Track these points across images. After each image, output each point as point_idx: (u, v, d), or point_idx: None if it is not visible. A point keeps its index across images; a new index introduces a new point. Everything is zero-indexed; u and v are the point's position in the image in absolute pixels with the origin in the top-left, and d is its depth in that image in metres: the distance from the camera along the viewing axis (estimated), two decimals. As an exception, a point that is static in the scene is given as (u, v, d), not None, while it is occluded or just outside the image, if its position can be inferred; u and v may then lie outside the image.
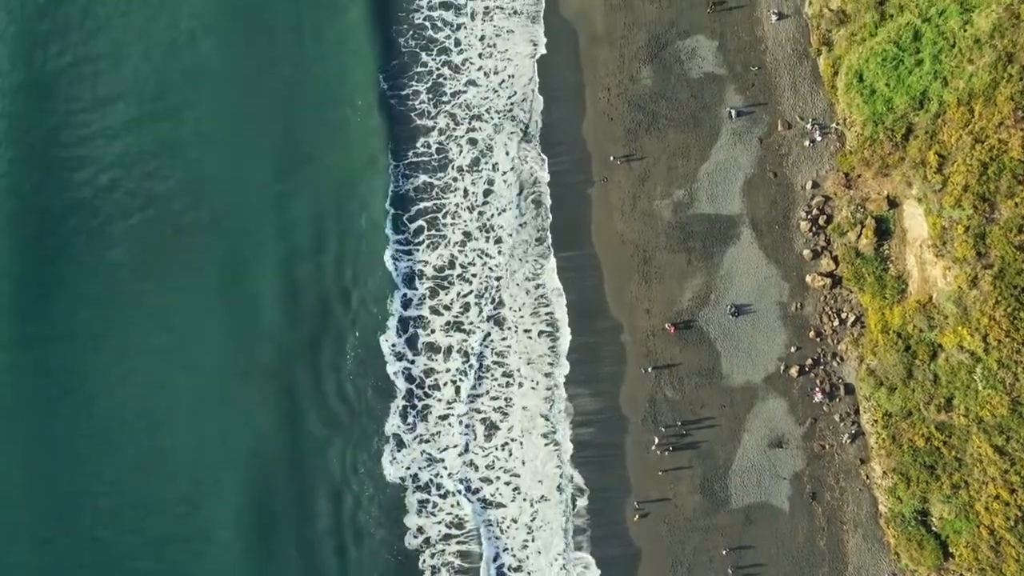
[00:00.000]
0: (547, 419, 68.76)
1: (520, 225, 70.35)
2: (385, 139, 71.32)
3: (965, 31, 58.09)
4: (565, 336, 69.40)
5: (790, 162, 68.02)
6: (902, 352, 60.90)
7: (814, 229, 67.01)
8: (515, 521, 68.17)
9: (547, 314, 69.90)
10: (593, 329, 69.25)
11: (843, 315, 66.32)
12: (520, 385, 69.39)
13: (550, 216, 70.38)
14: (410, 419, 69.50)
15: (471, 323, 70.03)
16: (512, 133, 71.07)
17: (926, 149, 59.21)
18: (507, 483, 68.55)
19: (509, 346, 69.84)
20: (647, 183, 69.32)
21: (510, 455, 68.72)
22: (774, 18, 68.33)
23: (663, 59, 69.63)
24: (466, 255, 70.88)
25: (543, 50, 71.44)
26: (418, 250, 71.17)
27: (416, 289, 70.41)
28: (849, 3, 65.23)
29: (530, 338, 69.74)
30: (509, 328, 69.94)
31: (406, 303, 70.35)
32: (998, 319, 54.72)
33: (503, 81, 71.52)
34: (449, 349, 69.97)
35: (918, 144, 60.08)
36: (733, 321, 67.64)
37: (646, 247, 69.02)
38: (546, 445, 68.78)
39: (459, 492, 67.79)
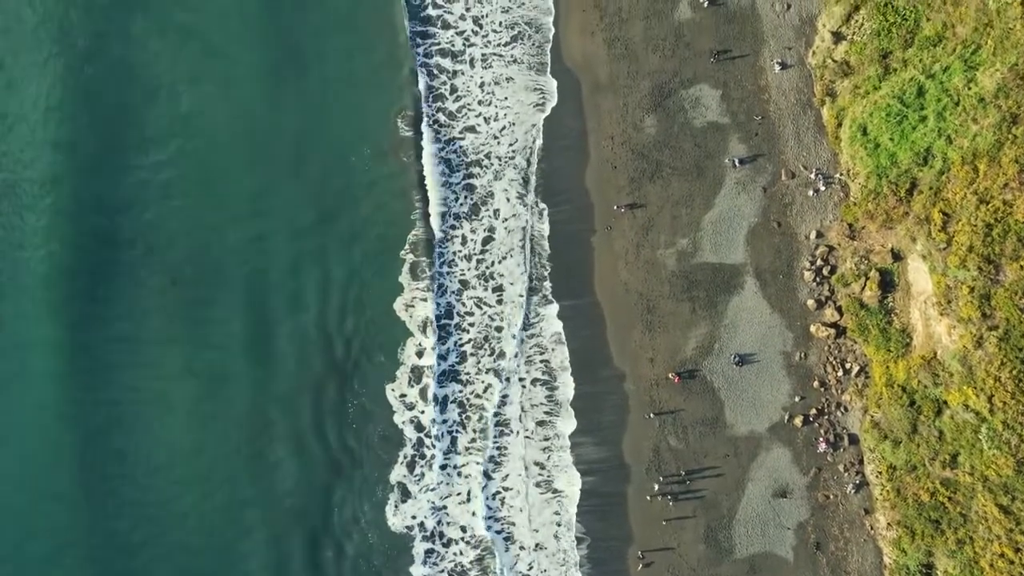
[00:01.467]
0: (543, 467, 68.81)
1: (521, 273, 70.31)
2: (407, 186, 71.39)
3: (969, 89, 58.15)
4: (567, 385, 69.40)
5: (794, 212, 68.05)
6: (907, 407, 60.94)
7: (818, 279, 67.04)
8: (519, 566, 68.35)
9: (547, 363, 69.82)
10: (596, 378, 69.23)
11: (847, 365, 66.37)
12: (517, 434, 69.40)
13: (551, 264, 70.31)
14: (418, 469, 69.51)
15: (468, 374, 70.01)
16: (512, 180, 71.00)
17: (930, 206, 59.25)
18: (507, 530, 68.81)
19: (507, 395, 69.84)
20: (651, 232, 69.29)
21: (503, 504, 68.82)
22: (777, 68, 68.34)
23: (667, 108, 69.60)
24: (463, 303, 70.82)
25: (546, 99, 71.29)
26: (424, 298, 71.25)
27: (427, 337, 70.44)
28: (853, 55, 65.25)
29: (530, 387, 69.71)
30: (508, 378, 69.91)
31: (419, 352, 70.34)
32: (1003, 381, 54.78)
33: (503, 128, 71.36)
34: (446, 400, 69.97)
35: (922, 200, 60.13)
36: (737, 370, 67.67)
37: (650, 296, 69.00)
38: (542, 494, 68.83)
39: (488, 533, 67.79)
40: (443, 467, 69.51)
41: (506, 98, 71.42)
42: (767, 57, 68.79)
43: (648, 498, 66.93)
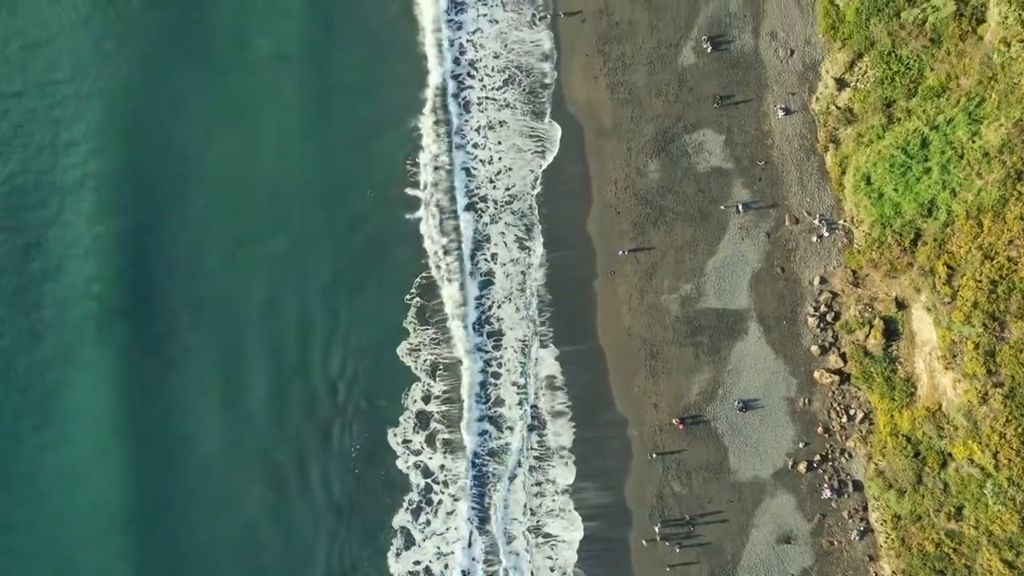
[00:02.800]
0: (542, 513, 68.79)
1: (520, 319, 70.22)
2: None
3: (973, 143, 58.12)
4: (567, 431, 69.36)
5: (798, 257, 68.01)
6: (911, 458, 60.90)
7: (822, 325, 66.99)
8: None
9: (546, 409, 69.73)
10: (599, 423, 69.18)
11: (851, 412, 66.32)
12: (513, 478, 69.33)
13: (553, 309, 70.21)
14: (423, 516, 69.47)
15: (467, 421, 70.01)
16: (510, 225, 70.91)
17: (935, 258, 59.20)
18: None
19: (508, 443, 69.83)
20: (654, 277, 69.25)
21: (503, 548, 68.88)
22: (781, 113, 68.31)
23: (670, 153, 69.56)
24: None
25: (547, 145, 71.23)
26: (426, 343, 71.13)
27: (435, 382, 70.39)
28: (856, 102, 65.21)
29: (529, 433, 69.72)
30: (508, 425, 69.88)
31: (425, 397, 70.27)
32: (1008, 438, 54.77)
33: (499, 172, 71.23)
34: (449, 443, 70.05)
35: (927, 251, 60.09)
36: (741, 416, 67.63)
37: (653, 341, 68.97)
38: (543, 540, 68.76)
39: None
40: (449, 513, 69.48)
41: (500, 142, 71.28)
42: (770, 103, 68.76)
43: (645, 542, 66.84)
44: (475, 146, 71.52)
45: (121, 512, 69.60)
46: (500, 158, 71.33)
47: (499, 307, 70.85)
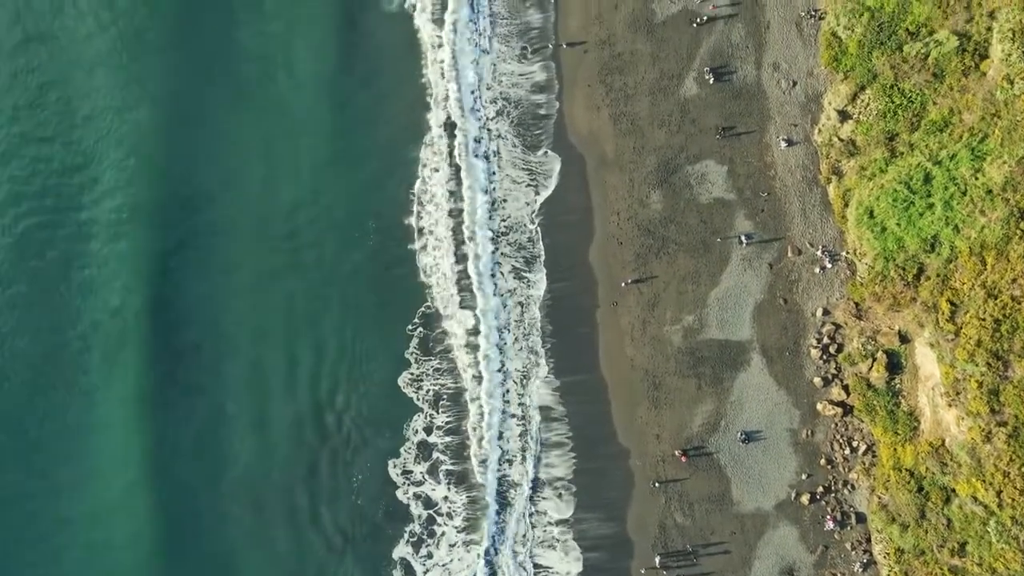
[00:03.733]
0: (542, 544, 68.77)
1: (518, 351, 70.10)
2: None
3: (976, 179, 58.10)
4: (567, 462, 69.32)
5: (800, 288, 67.95)
6: (915, 493, 60.85)
7: (825, 357, 66.94)
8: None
9: (547, 440, 69.68)
10: (601, 454, 69.10)
11: (854, 443, 66.26)
12: (517, 510, 69.32)
13: (554, 340, 70.05)
14: (423, 548, 69.37)
15: (469, 453, 69.94)
16: (507, 255, 70.82)
17: (938, 294, 59.17)
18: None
19: (507, 475, 69.73)
20: (657, 308, 69.18)
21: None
22: (783, 144, 68.26)
23: (673, 184, 69.52)
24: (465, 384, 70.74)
25: (549, 175, 71.22)
26: (428, 375, 71.06)
27: (437, 413, 70.31)
28: (859, 135, 65.18)
29: (530, 465, 69.72)
30: (510, 460, 69.79)
31: (427, 428, 70.18)
32: (1012, 477, 54.73)
33: (495, 203, 71.12)
34: (451, 474, 70.00)
35: (930, 286, 60.05)
36: (743, 447, 67.57)
37: (656, 372, 68.91)
38: (543, 572, 68.84)
39: None
40: (451, 545, 69.39)
41: (494, 172, 71.26)
42: (773, 134, 68.71)
43: (644, 571, 66.73)
44: (473, 176, 71.39)
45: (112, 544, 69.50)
46: (495, 188, 71.21)
47: (501, 338, 70.73)
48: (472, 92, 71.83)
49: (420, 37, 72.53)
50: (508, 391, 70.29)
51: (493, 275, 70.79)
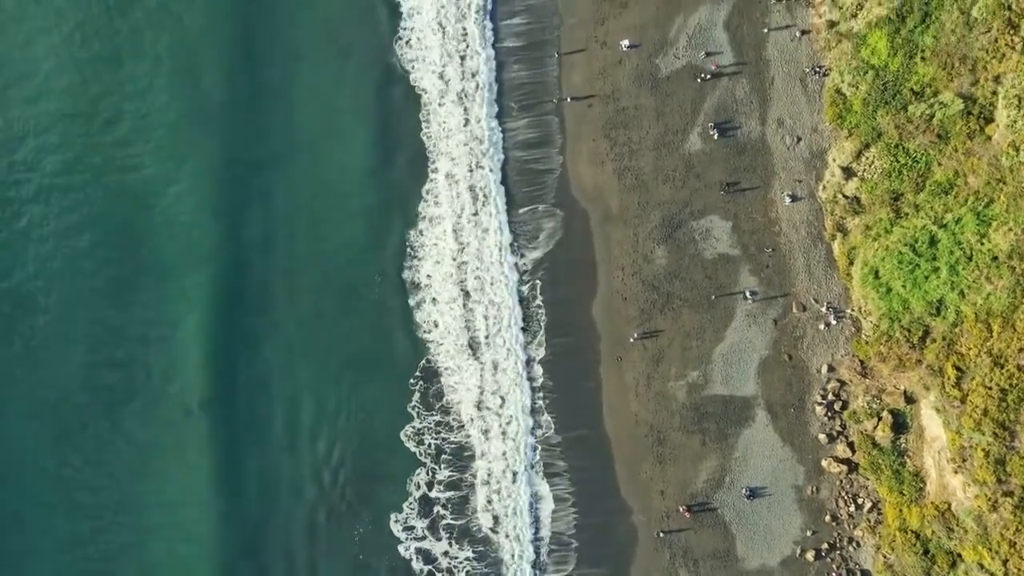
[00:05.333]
0: None
1: (521, 409, 70.06)
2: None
3: (982, 245, 58.05)
4: (569, 516, 69.21)
5: (805, 345, 67.86)
6: (920, 555, 60.77)
7: (829, 413, 66.85)
8: None
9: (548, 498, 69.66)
10: (604, 510, 68.89)
11: (859, 500, 66.13)
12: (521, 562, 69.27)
13: (556, 395, 69.86)
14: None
15: (471, 508, 69.83)
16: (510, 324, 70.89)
17: (944, 358, 59.10)
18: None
19: (509, 531, 69.72)
20: (661, 363, 69.05)
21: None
22: (788, 200, 68.21)
23: (677, 239, 69.44)
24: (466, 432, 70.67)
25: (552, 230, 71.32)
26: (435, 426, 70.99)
27: (440, 468, 70.15)
28: (864, 193, 65.15)
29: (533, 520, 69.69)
30: (509, 515, 69.67)
31: (429, 483, 70.04)
32: (1018, 548, 54.67)
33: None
34: (452, 528, 69.85)
35: (935, 350, 59.97)
36: (748, 504, 67.42)
37: (660, 428, 68.75)
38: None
39: None
40: (451, 603, 69.34)
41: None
42: (777, 189, 68.67)
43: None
44: (473, 231, 71.42)
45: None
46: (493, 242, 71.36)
47: (502, 394, 70.64)
48: (473, 144, 71.84)
49: (421, 94, 72.56)
50: (509, 447, 70.08)
51: (494, 333, 70.68)
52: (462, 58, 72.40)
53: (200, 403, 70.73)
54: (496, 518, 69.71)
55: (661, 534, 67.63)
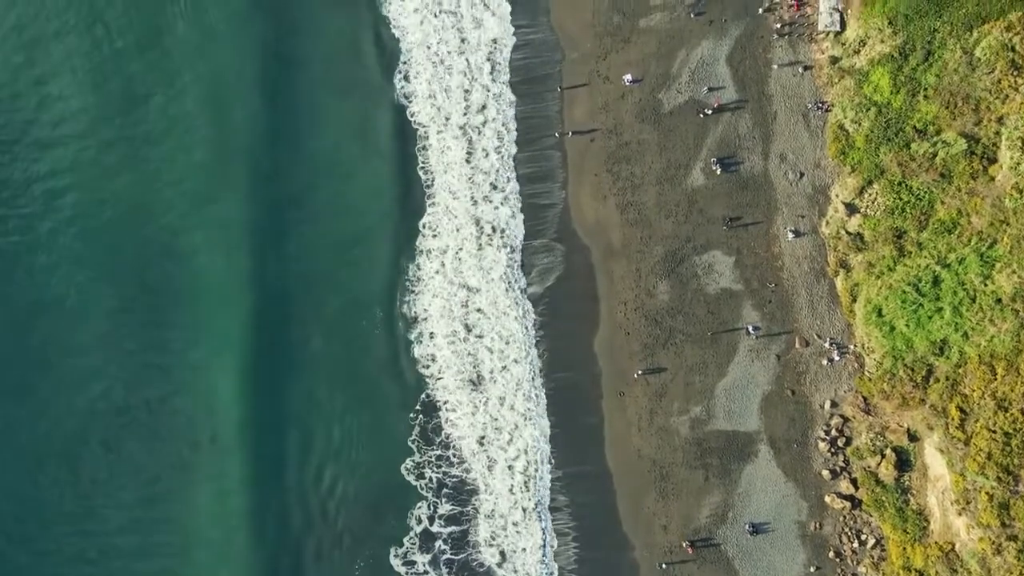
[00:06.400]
0: None
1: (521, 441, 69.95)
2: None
3: (986, 286, 58.01)
4: (570, 550, 69.14)
5: (808, 380, 67.79)
6: (925, 596, 60.74)
7: (833, 449, 66.75)
8: None
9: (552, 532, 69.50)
10: (606, 544, 68.77)
11: (863, 536, 66.03)
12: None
13: (558, 431, 69.75)
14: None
15: (471, 541, 69.71)
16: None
17: (947, 399, 59.07)
18: None
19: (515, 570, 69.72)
20: (664, 398, 68.94)
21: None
22: (791, 236, 68.15)
23: (680, 274, 69.35)
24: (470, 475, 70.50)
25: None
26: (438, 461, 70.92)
27: (442, 503, 70.03)
28: (867, 230, 65.09)
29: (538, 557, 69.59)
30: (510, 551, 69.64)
31: (430, 517, 69.93)
32: (1024, 592, 54.64)
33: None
34: (452, 564, 69.68)
35: (939, 390, 59.93)
36: (751, 539, 67.29)
37: (663, 463, 68.63)
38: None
39: None
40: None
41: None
42: (780, 225, 68.60)
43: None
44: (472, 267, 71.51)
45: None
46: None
47: (502, 429, 70.60)
48: (479, 177, 71.85)
49: (418, 128, 72.63)
50: (518, 482, 69.98)
51: (499, 368, 70.67)
52: (466, 91, 72.25)
53: (211, 438, 70.50)
54: (503, 553, 69.52)
55: (664, 565, 67.53)
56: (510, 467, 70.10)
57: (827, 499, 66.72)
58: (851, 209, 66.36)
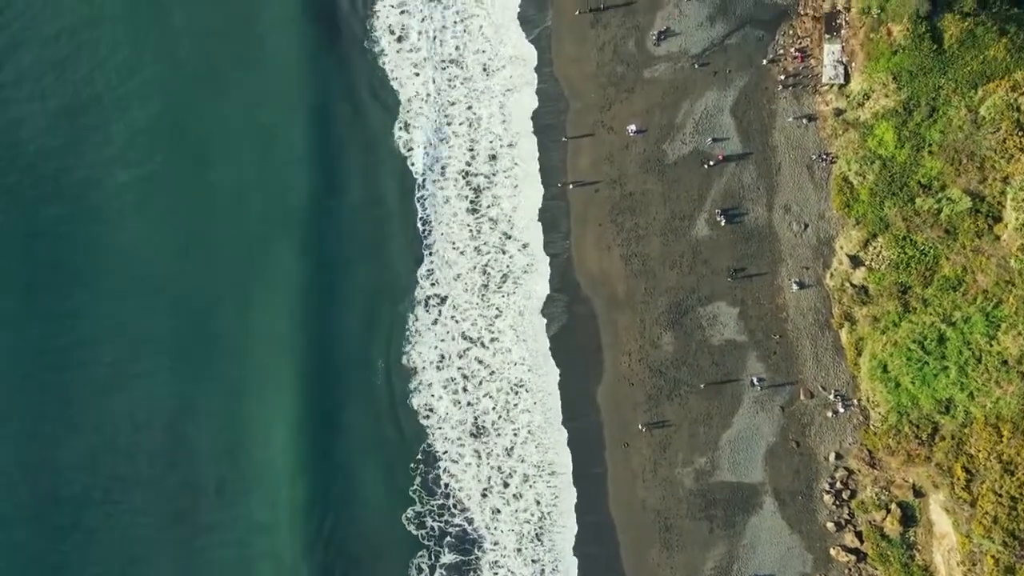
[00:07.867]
0: None
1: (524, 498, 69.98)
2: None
3: (991, 347, 57.89)
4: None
5: (813, 432, 67.66)
6: (930, 653, 60.60)
7: (838, 502, 66.62)
8: None
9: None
10: (614, 597, 68.85)
11: (867, 590, 65.97)
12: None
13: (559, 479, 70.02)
14: None
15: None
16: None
17: (953, 458, 58.94)
18: None
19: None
20: (668, 449, 68.82)
21: None
22: (795, 287, 68.04)
23: (684, 325, 69.24)
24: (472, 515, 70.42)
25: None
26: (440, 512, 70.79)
27: (444, 551, 69.93)
28: (871, 283, 64.97)
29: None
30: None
31: (432, 567, 69.79)
32: (1030, 657, 54.48)
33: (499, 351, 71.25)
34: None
35: (945, 448, 59.81)
36: (756, 592, 67.33)
37: (667, 514, 68.50)
38: None
39: None
40: None
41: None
42: (784, 276, 68.49)
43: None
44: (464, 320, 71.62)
45: None
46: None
47: (502, 477, 70.56)
48: (484, 225, 71.88)
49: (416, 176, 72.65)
50: (527, 532, 69.96)
51: (504, 418, 70.69)
52: (473, 141, 72.33)
53: (216, 488, 70.47)
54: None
55: None
56: (515, 517, 69.97)
57: (832, 552, 66.57)
58: (855, 262, 66.25)
